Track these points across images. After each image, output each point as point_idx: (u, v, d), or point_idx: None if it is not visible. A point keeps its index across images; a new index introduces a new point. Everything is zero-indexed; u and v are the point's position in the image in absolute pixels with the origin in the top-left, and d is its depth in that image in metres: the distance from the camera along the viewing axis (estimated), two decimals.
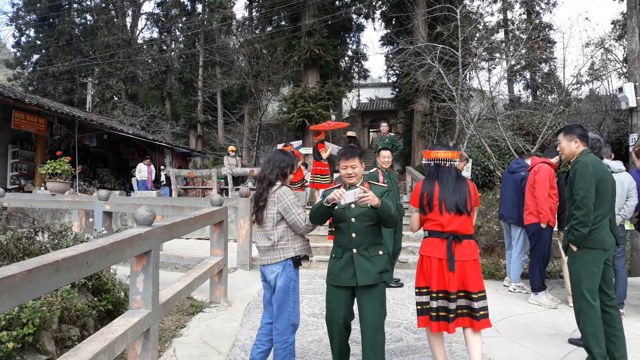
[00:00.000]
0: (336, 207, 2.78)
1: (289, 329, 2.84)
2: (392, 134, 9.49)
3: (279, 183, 2.94)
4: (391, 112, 26.20)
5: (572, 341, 3.73)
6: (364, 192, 2.58)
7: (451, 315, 2.83)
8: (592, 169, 3.10)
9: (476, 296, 2.86)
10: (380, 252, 2.79)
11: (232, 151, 12.93)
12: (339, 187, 2.84)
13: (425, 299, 2.93)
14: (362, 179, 2.93)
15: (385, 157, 5.75)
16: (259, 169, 3.06)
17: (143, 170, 13.86)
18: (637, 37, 7.27)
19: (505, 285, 5.73)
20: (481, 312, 2.85)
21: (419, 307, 2.95)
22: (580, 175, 3.11)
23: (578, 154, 3.27)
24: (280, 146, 11.29)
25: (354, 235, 2.76)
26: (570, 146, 3.32)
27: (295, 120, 15.97)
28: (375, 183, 2.96)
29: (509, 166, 5.72)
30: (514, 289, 5.48)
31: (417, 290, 2.99)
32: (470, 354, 2.88)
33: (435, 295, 2.88)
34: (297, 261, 2.90)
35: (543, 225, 4.83)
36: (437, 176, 3.07)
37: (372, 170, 5.71)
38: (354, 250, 2.74)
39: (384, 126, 9.51)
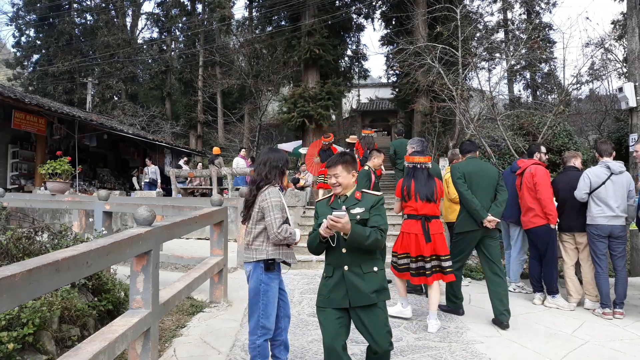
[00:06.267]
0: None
1: (258, 331, 2.83)
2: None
3: (274, 183, 2.91)
4: (391, 112, 26.17)
5: (442, 308, 4.53)
6: (336, 218, 2.30)
7: (428, 272, 4.02)
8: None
9: (444, 258, 4.06)
10: (375, 269, 2.52)
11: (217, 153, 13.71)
12: (329, 199, 2.70)
13: (405, 261, 4.08)
14: (355, 187, 2.66)
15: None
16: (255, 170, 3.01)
17: (241, 164, 12.89)
18: (637, 37, 7.27)
19: (516, 289, 5.73)
20: (448, 269, 4.06)
21: (400, 267, 4.11)
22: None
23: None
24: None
25: (343, 250, 2.50)
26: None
27: (295, 120, 15.96)
28: (368, 192, 2.66)
29: (511, 166, 5.71)
30: (514, 289, 5.47)
31: (396, 255, 4.14)
32: (430, 298, 4.08)
33: (414, 259, 4.04)
34: (268, 264, 2.82)
35: (553, 226, 4.79)
36: (413, 175, 4.20)
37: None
38: (345, 268, 2.50)
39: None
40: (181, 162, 15.18)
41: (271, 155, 2.98)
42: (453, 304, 4.51)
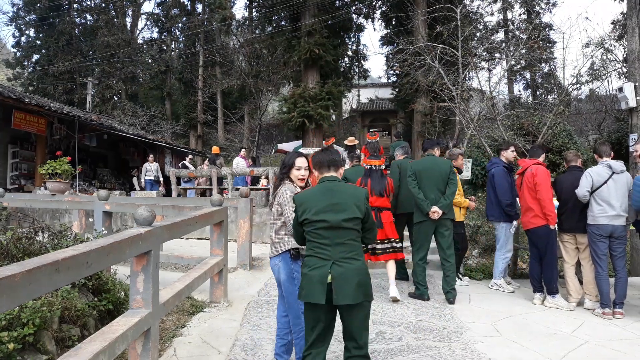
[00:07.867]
0: None
1: (301, 316, 2.92)
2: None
3: (286, 181, 3.09)
4: (391, 112, 26.14)
5: (411, 295, 4.97)
6: None
7: (379, 252, 4.95)
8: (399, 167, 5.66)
9: (396, 240, 5.04)
10: None
11: (217, 153, 13.76)
12: None
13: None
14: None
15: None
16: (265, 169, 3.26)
17: (241, 164, 12.37)
18: (637, 37, 7.27)
19: (493, 286, 5.74)
20: (399, 249, 5.05)
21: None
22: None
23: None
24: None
25: None
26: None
27: (295, 120, 15.94)
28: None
29: (487, 165, 5.89)
30: (491, 285, 5.50)
31: None
32: (390, 274, 4.94)
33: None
34: (295, 253, 2.98)
35: (552, 227, 4.80)
36: (369, 175, 5.16)
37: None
38: None
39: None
40: (186, 162, 15.10)
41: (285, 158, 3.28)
42: (418, 291, 4.95)
